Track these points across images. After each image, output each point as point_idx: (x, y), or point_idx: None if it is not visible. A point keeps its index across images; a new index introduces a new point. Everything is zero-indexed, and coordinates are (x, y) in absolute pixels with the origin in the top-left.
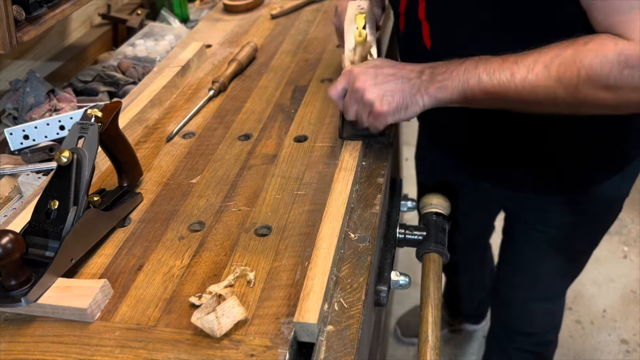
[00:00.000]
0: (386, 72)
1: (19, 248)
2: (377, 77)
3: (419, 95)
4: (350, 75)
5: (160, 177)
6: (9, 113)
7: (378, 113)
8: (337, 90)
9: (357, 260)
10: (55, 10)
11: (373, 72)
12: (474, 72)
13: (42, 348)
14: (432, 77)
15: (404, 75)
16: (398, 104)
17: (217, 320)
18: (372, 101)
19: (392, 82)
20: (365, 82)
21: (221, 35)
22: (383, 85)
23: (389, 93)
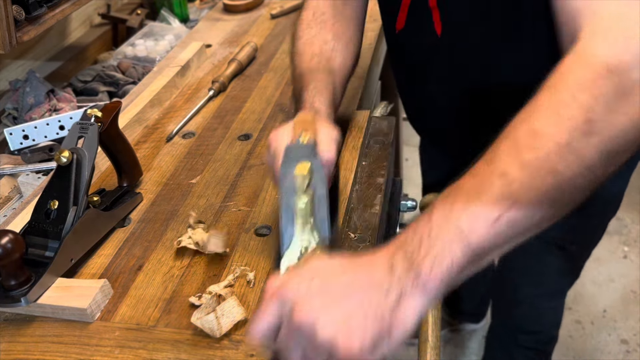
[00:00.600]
0: (340, 282)
1: (19, 248)
2: (327, 293)
3: (407, 300)
4: (282, 298)
5: (160, 177)
6: (8, 113)
7: (348, 356)
8: (263, 325)
9: None
10: (55, 10)
11: (318, 287)
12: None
13: (42, 348)
14: (411, 259)
15: (367, 277)
16: (374, 334)
17: (216, 321)
18: (331, 340)
19: (355, 297)
20: (312, 308)
21: (221, 35)
22: (342, 308)
23: (356, 319)
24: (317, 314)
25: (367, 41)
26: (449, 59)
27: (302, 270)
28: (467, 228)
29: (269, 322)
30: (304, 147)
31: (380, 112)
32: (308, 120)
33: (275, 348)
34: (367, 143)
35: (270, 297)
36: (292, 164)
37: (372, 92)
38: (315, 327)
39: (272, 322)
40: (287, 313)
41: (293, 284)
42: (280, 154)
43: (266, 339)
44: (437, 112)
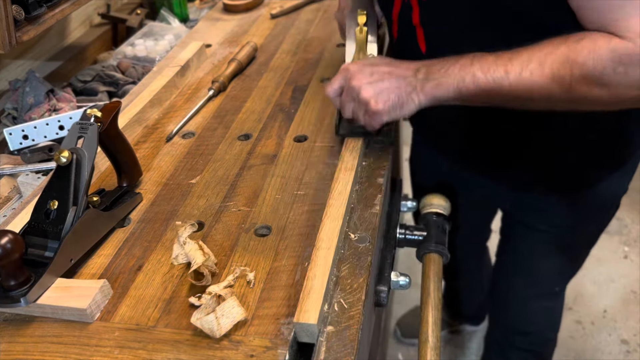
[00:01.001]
0: (382, 70)
1: (19, 248)
2: (372, 75)
3: (415, 93)
4: (347, 73)
5: (159, 177)
6: (8, 113)
7: (373, 112)
8: (333, 87)
9: (357, 260)
10: (55, 10)
11: (369, 70)
12: (469, 69)
13: (42, 348)
14: (428, 75)
15: (400, 73)
16: (393, 103)
17: (216, 321)
18: (367, 100)
19: (388, 80)
20: (361, 80)
21: (221, 35)
22: (378, 84)
23: (385, 91)
24: (363, 83)
25: None
26: None
27: (361, 60)
28: (467, 83)
29: (337, 84)
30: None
31: None
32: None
33: (339, 101)
34: (367, 143)
35: (340, 71)
36: (355, 13)
37: None
38: (360, 90)
39: (338, 85)
40: (348, 79)
41: (354, 66)
42: (347, 8)
43: (334, 94)
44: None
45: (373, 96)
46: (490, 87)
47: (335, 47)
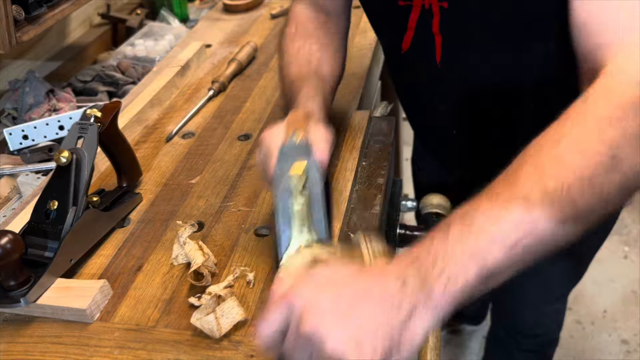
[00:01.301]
0: (350, 292)
1: (18, 248)
2: (337, 304)
3: (417, 315)
4: (290, 304)
5: (159, 178)
6: (8, 113)
7: None
8: (270, 329)
9: None
10: (55, 10)
11: (329, 297)
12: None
13: (41, 349)
14: (422, 274)
15: (378, 290)
16: (386, 349)
17: (216, 321)
18: (340, 353)
19: (366, 309)
20: (321, 321)
21: (221, 35)
22: (352, 320)
23: (367, 333)
24: (327, 327)
25: (367, 41)
26: (448, 83)
27: (311, 275)
28: (484, 251)
29: (276, 326)
30: (298, 147)
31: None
32: (300, 119)
33: (280, 353)
34: (367, 143)
35: (278, 301)
36: (287, 164)
37: (372, 92)
38: (324, 340)
39: (278, 327)
40: (295, 320)
41: (302, 290)
42: (273, 154)
43: (272, 342)
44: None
45: (351, 345)
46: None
47: None
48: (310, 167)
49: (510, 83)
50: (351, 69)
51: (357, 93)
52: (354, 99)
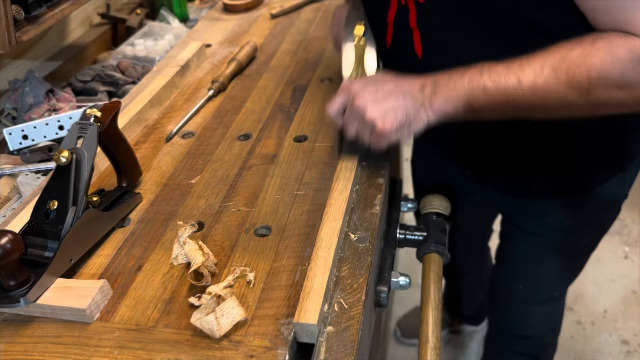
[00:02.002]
0: (387, 88)
1: (18, 248)
2: (377, 93)
3: (423, 110)
4: (349, 91)
5: (159, 178)
6: (8, 113)
7: (381, 132)
8: (335, 107)
9: (357, 260)
10: (55, 10)
11: (373, 88)
12: (478, 81)
13: (41, 349)
14: (435, 90)
15: (406, 90)
16: (401, 122)
17: (216, 321)
18: (373, 120)
19: (394, 98)
20: (366, 99)
21: (221, 35)
22: (384, 103)
23: (391, 110)
24: (368, 102)
25: None
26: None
27: (363, 78)
28: (477, 96)
29: (339, 104)
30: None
31: None
32: None
33: (341, 122)
34: None
35: (341, 90)
36: (353, 24)
37: None
38: (365, 110)
39: (341, 105)
40: (350, 100)
41: (357, 83)
42: (342, 21)
43: (337, 114)
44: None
45: (379, 116)
46: (502, 97)
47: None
48: (367, 26)
49: None
50: None
51: None
52: None
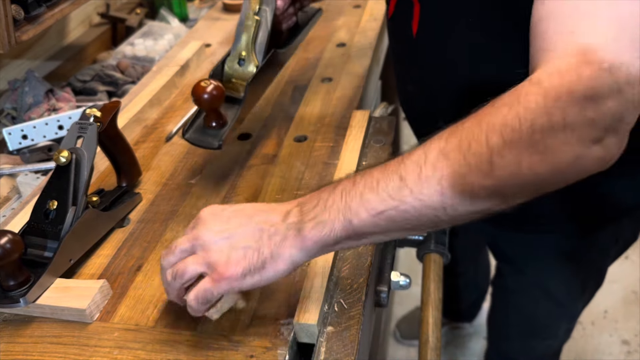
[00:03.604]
0: (241, 217)
1: (18, 248)
2: (228, 221)
3: (285, 246)
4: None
5: (159, 177)
6: (7, 113)
7: (220, 277)
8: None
9: (357, 260)
10: (54, 10)
11: (226, 215)
12: (353, 191)
13: (41, 349)
14: (302, 215)
15: (263, 219)
16: (251, 264)
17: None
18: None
19: (247, 232)
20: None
21: (221, 35)
22: (231, 237)
23: (237, 249)
24: (214, 237)
25: (367, 41)
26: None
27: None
28: (355, 210)
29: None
30: None
31: (380, 112)
32: None
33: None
34: (367, 143)
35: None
36: None
37: (372, 92)
38: (209, 246)
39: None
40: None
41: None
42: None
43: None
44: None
45: (222, 259)
46: (386, 205)
47: (335, 47)
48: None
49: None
50: (351, 68)
51: (357, 93)
52: (353, 98)
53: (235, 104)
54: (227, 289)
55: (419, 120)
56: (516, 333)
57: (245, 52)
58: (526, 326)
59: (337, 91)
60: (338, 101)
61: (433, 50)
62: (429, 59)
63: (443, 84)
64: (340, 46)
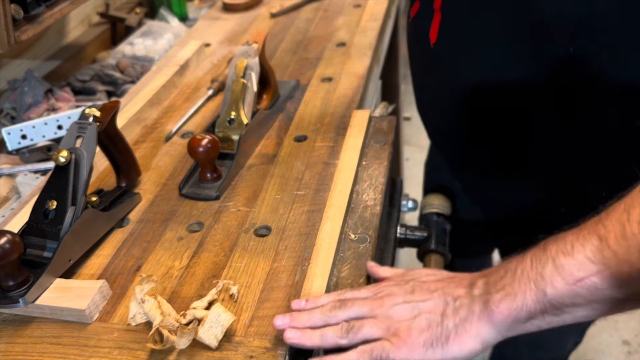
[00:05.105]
0: (426, 288)
1: (17, 249)
2: (413, 293)
3: (472, 320)
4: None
5: (158, 177)
6: (6, 113)
7: (402, 342)
8: None
9: (357, 261)
10: (54, 9)
11: (410, 287)
12: (543, 257)
13: (40, 349)
14: (488, 286)
15: (448, 292)
16: (432, 337)
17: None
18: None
19: (431, 298)
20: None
21: (220, 34)
22: (417, 306)
23: (420, 319)
24: (399, 299)
25: (367, 40)
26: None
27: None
28: (548, 278)
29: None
30: (251, 49)
31: (380, 112)
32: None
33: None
34: (367, 143)
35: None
36: (238, 58)
37: (372, 92)
38: (392, 313)
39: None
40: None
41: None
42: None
43: None
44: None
45: (404, 325)
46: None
47: (335, 46)
48: (250, 66)
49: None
50: (351, 68)
51: (357, 93)
52: (354, 98)
53: (228, 159)
54: (405, 357)
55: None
56: (524, 345)
57: (235, 112)
58: (534, 340)
59: (337, 91)
60: (338, 101)
61: (450, 63)
62: (446, 71)
63: (457, 96)
64: (340, 46)
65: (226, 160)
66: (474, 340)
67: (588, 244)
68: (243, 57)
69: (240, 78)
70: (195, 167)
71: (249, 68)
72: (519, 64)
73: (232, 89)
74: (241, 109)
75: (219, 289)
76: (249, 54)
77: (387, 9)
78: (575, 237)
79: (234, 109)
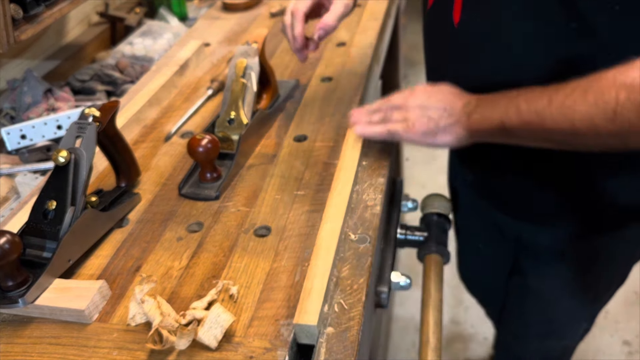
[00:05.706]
0: (432, 94)
1: (17, 249)
2: (422, 96)
3: (457, 125)
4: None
5: (158, 177)
6: (6, 112)
7: (409, 129)
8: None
9: (357, 261)
10: (53, 9)
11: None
12: (514, 101)
13: (40, 349)
14: (477, 108)
15: (449, 99)
16: (430, 129)
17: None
18: (406, 119)
19: (435, 104)
20: (407, 98)
21: (220, 34)
22: (422, 107)
23: (423, 116)
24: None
25: (367, 40)
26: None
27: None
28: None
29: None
30: (251, 49)
31: None
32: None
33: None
34: (367, 143)
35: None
36: (238, 58)
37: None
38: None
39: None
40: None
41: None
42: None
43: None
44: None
45: (413, 118)
46: (532, 119)
47: (335, 46)
48: (250, 66)
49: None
50: (351, 68)
51: (357, 93)
52: (353, 98)
53: (227, 159)
54: (409, 138)
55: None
56: (534, 334)
57: (235, 112)
58: (545, 327)
59: (337, 91)
60: (338, 101)
61: (477, 40)
62: (472, 49)
63: (486, 75)
64: (340, 46)
65: (226, 160)
66: (452, 137)
67: (540, 101)
68: (243, 57)
69: (240, 78)
70: (195, 167)
71: (249, 68)
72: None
73: (231, 89)
74: (241, 108)
75: (219, 289)
76: (249, 54)
77: (387, 8)
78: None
79: (233, 108)
